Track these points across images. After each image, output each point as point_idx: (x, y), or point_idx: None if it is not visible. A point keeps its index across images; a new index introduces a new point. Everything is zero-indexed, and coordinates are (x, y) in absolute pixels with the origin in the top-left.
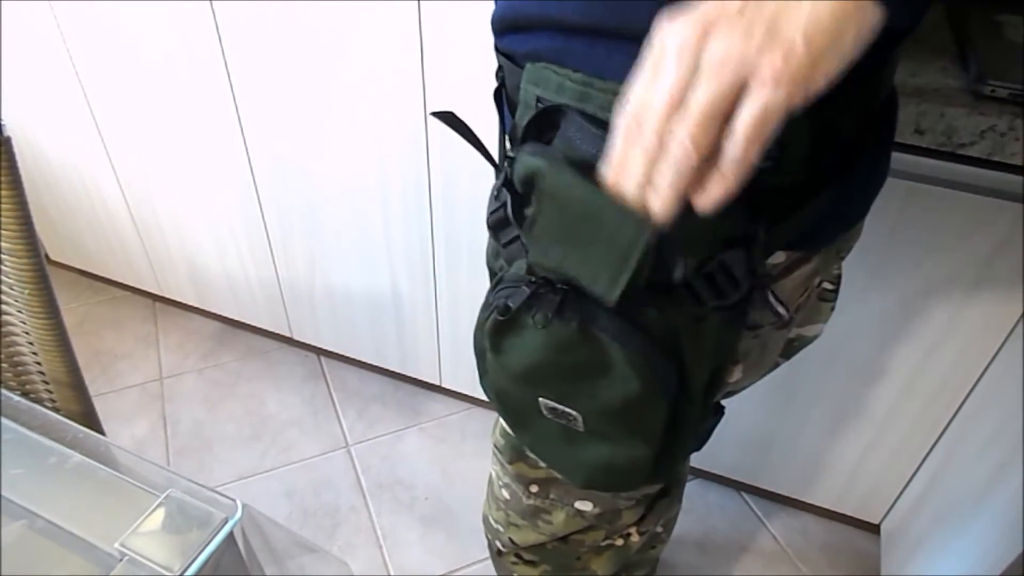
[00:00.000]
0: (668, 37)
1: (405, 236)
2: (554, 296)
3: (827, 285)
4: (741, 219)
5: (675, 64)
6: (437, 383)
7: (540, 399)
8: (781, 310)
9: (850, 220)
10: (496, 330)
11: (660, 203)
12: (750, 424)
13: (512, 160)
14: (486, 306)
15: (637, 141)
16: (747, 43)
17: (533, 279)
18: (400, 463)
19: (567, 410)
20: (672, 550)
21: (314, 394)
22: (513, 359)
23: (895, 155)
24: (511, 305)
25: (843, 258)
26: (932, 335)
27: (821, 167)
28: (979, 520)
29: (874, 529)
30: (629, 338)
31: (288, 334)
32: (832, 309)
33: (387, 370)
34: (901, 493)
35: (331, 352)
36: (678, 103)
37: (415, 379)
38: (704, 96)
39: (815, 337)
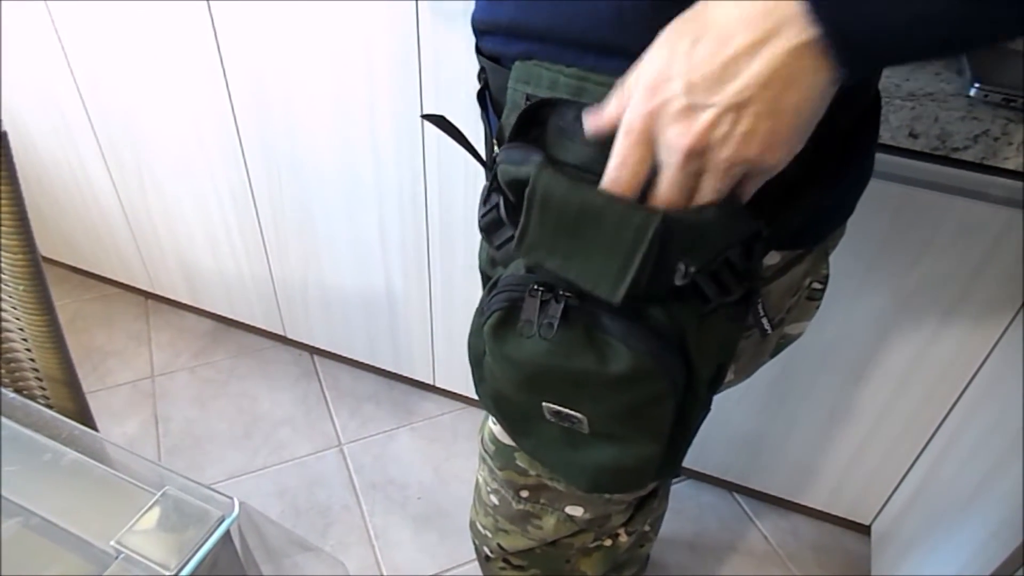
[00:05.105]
0: (670, 136)
1: (400, 234)
2: (557, 304)
3: (816, 285)
4: (746, 224)
5: (678, 166)
6: (430, 382)
7: (544, 403)
8: (766, 324)
9: (842, 217)
10: (496, 334)
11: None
12: (742, 425)
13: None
14: (482, 311)
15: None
16: (748, 152)
17: (536, 286)
18: (393, 462)
19: (572, 413)
20: (663, 550)
21: (307, 393)
22: (515, 364)
23: (890, 158)
24: (529, 320)
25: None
26: (924, 338)
27: (819, 164)
28: (970, 521)
29: (864, 530)
30: (636, 338)
31: (281, 332)
32: (817, 308)
33: (380, 369)
34: (892, 494)
35: (324, 351)
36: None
37: (408, 378)
38: (710, 189)
39: (799, 335)
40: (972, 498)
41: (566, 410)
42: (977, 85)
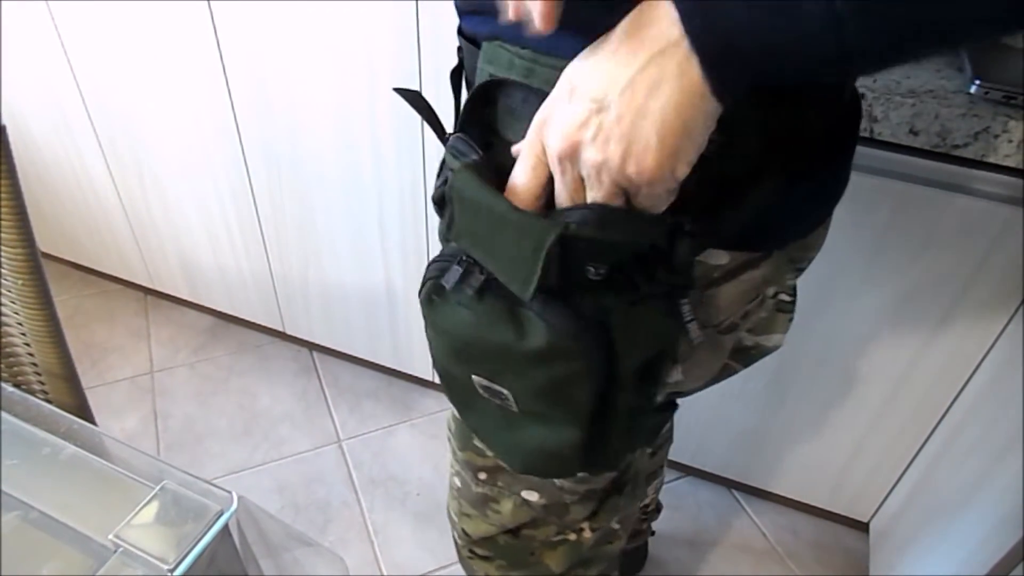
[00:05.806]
0: (549, 140)
1: (400, 232)
2: (480, 275)
3: (784, 296)
4: (657, 225)
5: (559, 171)
6: (430, 379)
7: (473, 376)
8: (693, 329)
9: (805, 226)
10: (428, 304)
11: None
12: (741, 422)
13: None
14: (422, 280)
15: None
16: (609, 154)
17: (464, 257)
18: (392, 459)
19: (499, 389)
20: (662, 547)
21: (306, 389)
22: (444, 334)
23: (890, 155)
24: (445, 284)
25: (800, 270)
26: (923, 335)
27: (765, 164)
28: (967, 519)
29: (863, 527)
30: (555, 315)
31: (281, 329)
32: (790, 320)
33: (380, 365)
34: (890, 492)
35: (324, 347)
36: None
37: (408, 375)
38: (595, 197)
39: (775, 347)
40: (970, 495)
41: (494, 385)
42: (977, 82)
